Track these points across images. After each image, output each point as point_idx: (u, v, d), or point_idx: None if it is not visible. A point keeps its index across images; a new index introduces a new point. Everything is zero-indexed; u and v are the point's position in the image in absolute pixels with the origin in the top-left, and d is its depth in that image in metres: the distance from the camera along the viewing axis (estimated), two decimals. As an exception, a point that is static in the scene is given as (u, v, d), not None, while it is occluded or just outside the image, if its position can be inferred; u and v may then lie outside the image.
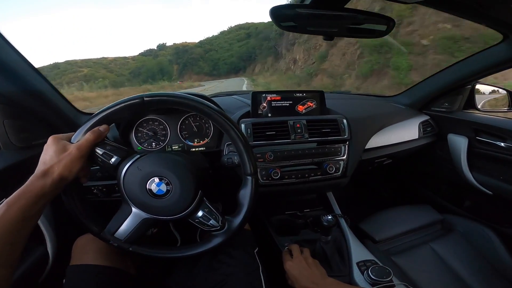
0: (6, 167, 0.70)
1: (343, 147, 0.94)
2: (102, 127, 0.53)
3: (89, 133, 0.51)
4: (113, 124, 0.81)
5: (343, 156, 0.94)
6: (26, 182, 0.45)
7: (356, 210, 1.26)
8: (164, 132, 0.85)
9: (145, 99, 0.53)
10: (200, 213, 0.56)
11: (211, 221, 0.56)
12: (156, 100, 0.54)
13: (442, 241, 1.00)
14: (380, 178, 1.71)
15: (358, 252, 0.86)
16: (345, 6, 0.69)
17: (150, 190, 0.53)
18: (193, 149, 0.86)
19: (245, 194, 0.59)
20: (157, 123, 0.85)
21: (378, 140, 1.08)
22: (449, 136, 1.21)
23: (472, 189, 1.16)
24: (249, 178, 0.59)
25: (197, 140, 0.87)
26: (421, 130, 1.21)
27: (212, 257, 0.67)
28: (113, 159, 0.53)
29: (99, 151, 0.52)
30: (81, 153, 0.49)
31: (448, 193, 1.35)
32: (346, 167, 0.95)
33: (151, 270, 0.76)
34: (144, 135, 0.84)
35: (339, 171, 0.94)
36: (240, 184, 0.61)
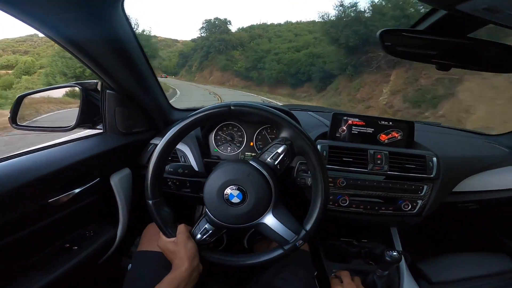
0: (109, 149, 0.81)
1: (425, 186, 0.85)
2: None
3: (180, 225, 0.61)
4: None
5: (424, 195, 0.85)
6: (167, 276, 0.55)
7: (416, 248, 1.14)
8: (240, 139, 0.88)
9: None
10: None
11: (278, 150, 0.58)
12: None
13: None
14: (452, 217, 1.50)
15: None
16: (469, 35, 0.60)
17: (233, 203, 0.57)
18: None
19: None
20: (236, 129, 0.88)
21: (470, 183, 0.94)
22: None
23: None
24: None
25: None
26: None
27: (275, 273, 0.68)
28: (207, 227, 0.60)
29: (198, 237, 0.60)
30: (186, 235, 0.59)
31: None
32: (424, 207, 0.86)
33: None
34: (222, 139, 0.89)
35: (414, 210, 0.85)
36: (306, 207, 0.61)
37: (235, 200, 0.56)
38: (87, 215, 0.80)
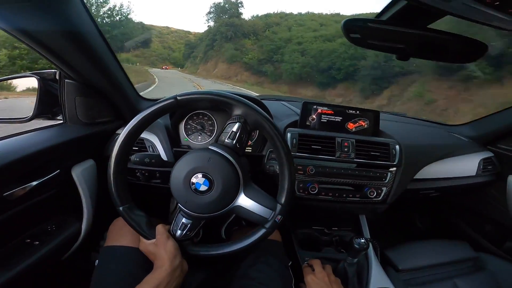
0: (70, 139, 0.77)
1: (389, 174, 0.89)
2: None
3: (158, 226, 0.61)
4: None
5: (388, 182, 0.89)
6: (147, 276, 0.55)
7: (384, 236, 1.19)
8: (211, 128, 0.87)
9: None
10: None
11: (233, 129, 0.58)
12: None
13: (468, 278, 0.92)
14: (416, 206, 1.59)
15: (378, 278, 0.84)
16: (428, 26, 0.63)
17: (201, 191, 0.56)
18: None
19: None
20: (206, 118, 0.87)
21: (430, 171, 0.99)
22: (510, 177, 1.08)
23: None
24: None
25: None
26: (481, 167, 1.09)
27: (250, 265, 0.68)
28: (184, 221, 0.60)
29: (177, 234, 0.60)
30: (165, 235, 0.59)
31: (491, 233, 1.23)
32: (388, 194, 0.90)
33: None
34: (193, 128, 0.87)
35: (379, 197, 0.89)
36: (276, 193, 0.61)
37: (203, 188, 0.55)
38: (48, 209, 0.76)
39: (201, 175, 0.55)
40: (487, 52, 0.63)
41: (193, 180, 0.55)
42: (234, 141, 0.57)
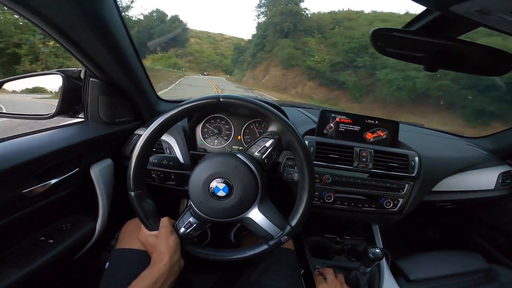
0: (90, 138, 0.78)
1: (407, 185, 0.87)
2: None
3: (163, 219, 0.60)
4: None
5: (405, 194, 0.88)
6: (145, 271, 0.54)
7: (395, 245, 1.17)
8: (228, 133, 0.87)
9: (221, 99, 0.55)
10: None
11: (266, 144, 0.58)
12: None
13: None
14: (429, 216, 1.56)
15: None
16: (459, 38, 0.61)
17: (219, 196, 0.56)
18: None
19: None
20: (223, 122, 0.87)
21: (448, 183, 0.98)
22: None
23: None
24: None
25: None
26: (499, 181, 1.07)
27: (262, 272, 0.68)
28: (191, 220, 0.59)
29: (181, 231, 0.59)
30: (169, 229, 0.57)
31: (505, 246, 1.21)
32: (405, 205, 0.89)
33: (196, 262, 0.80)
34: (210, 132, 0.87)
35: (396, 208, 0.88)
36: (292, 202, 0.61)
37: (221, 193, 0.55)
38: (64, 207, 0.76)
39: (222, 180, 0.55)
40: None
41: (213, 183, 0.56)
42: (264, 156, 0.57)
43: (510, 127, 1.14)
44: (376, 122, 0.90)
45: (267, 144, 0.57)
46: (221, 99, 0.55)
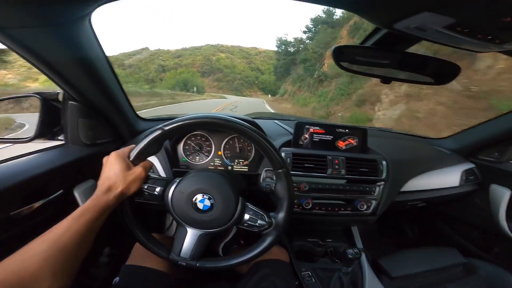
0: (72, 160, 0.79)
1: (377, 188, 0.94)
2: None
3: (147, 160, 0.59)
4: None
5: (377, 195, 0.94)
6: (92, 197, 0.50)
7: (376, 245, 1.23)
8: (209, 149, 0.90)
9: (166, 128, 0.57)
10: (246, 217, 0.60)
11: (258, 221, 0.60)
12: (178, 127, 0.58)
13: (461, 283, 0.97)
14: (406, 216, 1.65)
15: (373, 286, 0.88)
16: (406, 51, 0.68)
17: (197, 207, 0.58)
18: (236, 169, 0.91)
19: (282, 187, 0.62)
20: (204, 139, 0.90)
21: (416, 183, 1.05)
22: (492, 186, 1.15)
23: (505, 238, 1.11)
24: (281, 171, 0.61)
25: (237, 161, 0.91)
26: (463, 178, 1.15)
27: (256, 284, 0.70)
28: (157, 189, 0.59)
29: (143, 185, 0.58)
30: (144, 174, 0.57)
31: (478, 239, 1.30)
32: (378, 207, 0.95)
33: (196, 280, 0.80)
34: (191, 148, 0.90)
35: (369, 209, 0.94)
36: (272, 209, 0.64)
37: (200, 206, 0.58)
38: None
39: (210, 200, 0.58)
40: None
41: (204, 196, 0.58)
42: (247, 224, 0.61)
43: (469, 127, 1.24)
44: (347, 130, 0.97)
45: (259, 222, 0.61)
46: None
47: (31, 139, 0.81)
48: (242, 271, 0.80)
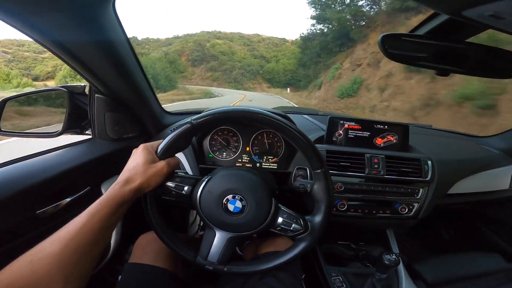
0: (99, 156, 0.77)
1: (421, 190, 0.86)
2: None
3: (174, 157, 0.55)
4: None
5: (420, 198, 0.86)
6: (108, 190, 0.47)
7: (409, 248, 1.15)
8: (236, 144, 0.86)
9: (195, 121, 0.53)
10: (280, 220, 0.55)
11: (293, 225, 0.55)
12: (209, 119, 0.54)
13: None
14: (443, 218, 1.54)
15: None
16: (467, 40, 0.60)
17: (227, 209, 0.54)
18: (264, 166, 0.86)
19: (320, 188, 0.56)
20: (231, 133, 0.86)
21: (463, 186, 0.96)
22: None
23: None
24: (320, 171, 0.56)
25: (266, 157, 0.86)
26: None
27: (260, 278, 0.66)
28: (185, 188, 0.55)
29: (170, 184, 0.55)
30: (168, 170, 0.52)
31: None
32: (420, 210, 0.87)
33: (199, 276, 0.78)
34: (218, 144, 0.86)
35: (411, 212, 0.87)
36: (304, 211, 0.59)
37: (231, 207, 0.54)
38: None
39: (241, 202, 0.54)
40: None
41: (235, 196, 0.54)
42: (280, 227, 0.56)
43: None
44: (386, 126, 0.89)
45: (293, 226, 0.56)
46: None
47: (59, 134, 0.81)
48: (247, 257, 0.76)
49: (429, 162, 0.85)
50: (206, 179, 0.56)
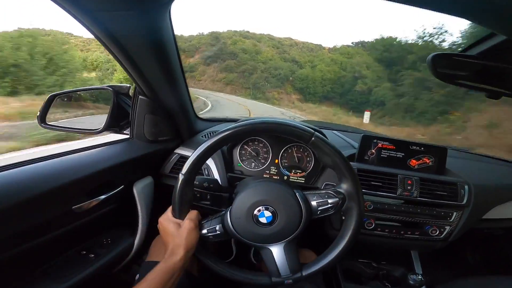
0: (136, 157, 0.80)
1: (455, 213, 0.83)
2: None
3: (191, 211, 0.59)
4: None
5: (452, 221, 0.84)
6: (162, 261, 0.52)
7: (433, 270, 1.10)
8: (266, 156, 0.87)
9: (313, 138, 0.55)
10: (314, 204, 0.58)
11: (329, 200, 0.57)
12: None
13: None
14: (471, 240, 1.47)
15: None
16: None
17: (260, 222, 0.55)
18: (292, 179, 0.86)
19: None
20: (261, 145, 0.87)
21: (499, 211, 0.93)
22: None
23: None
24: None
25: (294, 171, 0.86)
26: None
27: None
28: (217, 227, 0.58)
29: (204, 232, 0.58)
30: (195, 223, 0.57)
31: None
32: (451, 233, 0.85)
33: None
34: (247, 154, 0.87)
35: (441, 235, 0.85)
36: (319, 236, 0.60)
37: (263, 220, 0.55)
38: (106, 222, 0.78)
39: (270, 210, 0.56)
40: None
41: (261, 208, 0.56)
42: (319, 209, 0.58)
43: None
44: (422, 148, 0.87)
45: (330, 200, 0.57)
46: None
47: (100, 131, 0.85)
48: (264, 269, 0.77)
49: (466, 187, 0.83)
50: (228, 210, 0.58)
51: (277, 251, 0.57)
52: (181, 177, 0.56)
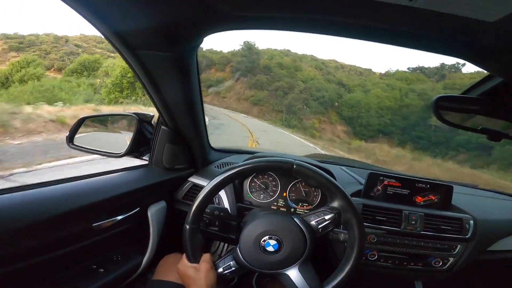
0: (154, 183, 0.86)
1: (459, 246, 0.85)
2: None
3: (204, 254, 0.63)
4: None
5: (456, 253, 0.86)
6: None
7: None
8: (274, 189, 0.91)
9: (294, 166, 0.60)
10: (313, 223, 0.62)
11: (326, 217, 0.61)
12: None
13: None
14: (478, 269, 1.42)
15: None
16: None
17: (270, 252, 0.59)
18: (298, 212, 0.89)
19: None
20: (271, 178, 0.91)
21: (506, 243, 0.94)
22: None
23: None
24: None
25: (301, 204, 0.90)
26: None
27: None
28: (231, 264, 0.62)
29: (220, 271, 0.62)
30: (210, 264, 0.61)
31: None
32: (455, 264, 0.86)
33: None
34: (257, 186, 0.91)
35: (445, 266, 0.87)
36: (332, 261, 0.63)
37: (270, 248, 0.60)
38: (118, 240, 0.83)
39: (275, 238, 0.60)
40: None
41: (265, 238, 0.60)
42: (319, 227, 0.61)
43: None
44: (428, 186, 0.89)
45: (327, 217, 0.61)
46: (294, 166, 0.60)
47: (122, 155, 0.92)
48: None
49: (471, 222, 0.85)
50: (237, 247, 0.62)
51: (294, 274, 0.60)
52: (186, 227, 0.61)
